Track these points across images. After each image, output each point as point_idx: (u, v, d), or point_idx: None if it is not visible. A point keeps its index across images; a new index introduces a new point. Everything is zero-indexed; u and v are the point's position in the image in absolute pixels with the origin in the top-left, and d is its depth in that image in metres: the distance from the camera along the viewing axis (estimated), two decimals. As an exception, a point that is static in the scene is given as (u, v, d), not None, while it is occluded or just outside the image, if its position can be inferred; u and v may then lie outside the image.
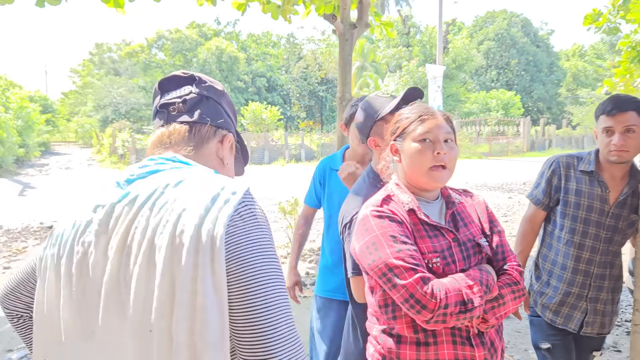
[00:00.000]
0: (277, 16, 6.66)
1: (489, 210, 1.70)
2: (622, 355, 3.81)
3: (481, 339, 1.47)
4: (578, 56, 54.77)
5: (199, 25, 45.17)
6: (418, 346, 1.46)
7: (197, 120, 1.19)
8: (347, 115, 2.57)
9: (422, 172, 1.52)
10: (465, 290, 1.37)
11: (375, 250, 1.43)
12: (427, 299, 1.33)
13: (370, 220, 1.48)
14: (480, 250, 1.56)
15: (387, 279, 1.40)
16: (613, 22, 9.06)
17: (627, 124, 2.16)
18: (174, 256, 0.93)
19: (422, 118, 1.53)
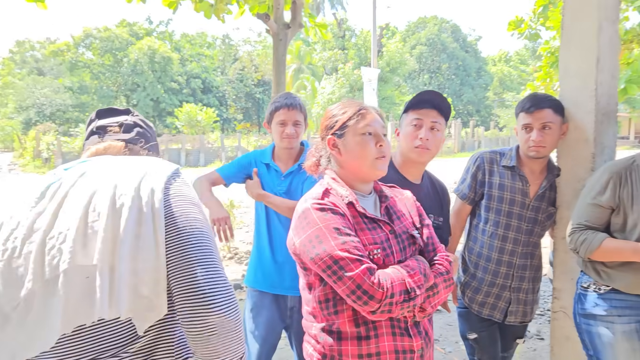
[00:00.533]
0: (210, 15, 6.53)
1: (417, 205, 1.75)
2: (545, 343, 4.00)
3: (418, 328, 1.52)
4: (504, 61, 57.57)
5: (130, 24, 43.58)
6: (359, 340, 1.46)
7: (132, 139, 1.38)
8: (268, 113, 2.55)
9: (367, 164, 1.55)
10: (407, 279, 1.41)
11: (319, 243, 1.41)
12: (374, 289, 1.35)
13: (312, 213, 1.46)
14: (414, 242, 1.60)
15: (332, 271, 1.38)
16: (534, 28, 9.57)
17: (544, 121, 2.27)
18: (115, 215, 1.08)
19: (361, 112, 1.56)
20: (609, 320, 2.02)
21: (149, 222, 1.09)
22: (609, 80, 2.41)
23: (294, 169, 2.54)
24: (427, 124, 2.00)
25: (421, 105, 2.02)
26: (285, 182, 2.53)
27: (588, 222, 2.06)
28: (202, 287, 1.07)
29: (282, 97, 2.55)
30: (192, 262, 1.09)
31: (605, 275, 2.05)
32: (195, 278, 1.07)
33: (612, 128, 2.46)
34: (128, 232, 1.07)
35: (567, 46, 2.46)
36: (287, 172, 2.54)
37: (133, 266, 1.06)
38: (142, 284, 1.06)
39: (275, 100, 2.54)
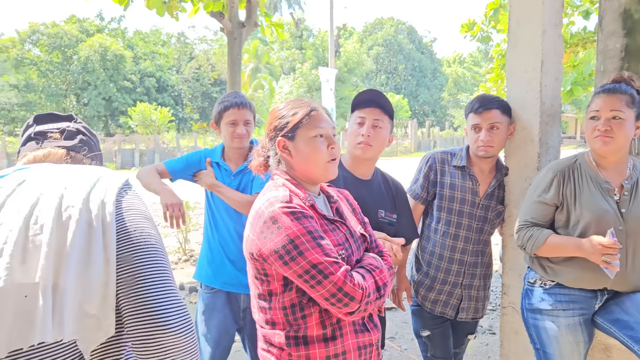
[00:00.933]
0: (163, 12, 6.40)
1: (354, 203, 1.78)
2: (497, 337, 4.12)
3: (372, 322, 1.56)
4: (458, 63, 58.98)
5: (80, 20, 42.14)
6: (326, 342, 1.45)
7: (75, 146, 1.30)
8: (216, 113, 2.51)
9: (319, 167, 1.53)
10: (377, 277, 1.46)
11: (295, 248, 1.36)
12: (355, 291, 1.36)
13: (282, 217, 1.40)
14: (365, 240, 1.63)
15: (310, 276, 1.36)
16: (485, 31, 9.85)
17: (492, 121, 2.34)
18: (61, 228, 1.01)
19: (312, 114, 1.52)
20: (554, 314, 2.09)
21: (98, 237, 1.03)
22: (553, 83, 2.50)
23: (243, 167, 2.52)
24: (370, 121, 2.07)
25: (365, 104, 2.09)
26: (235, 180, 2.51)
27: (534, 219, 2.13)
28: (157, 307, 1.02)
29: (231, 96, 2.50)
30: (146, 280, 1.03)
31: (551, 271, 2.12)
32: (148, 298, 1.02)
33: (556, 129, 2.56)
34: (75, 247, 1.00)
35: (514, 49, 2.54)
36: (236, 171, 2.52)
37: (80, 283, 0.99)
38: (89, 303, 0.99)
39: (223, 100, 2.50)
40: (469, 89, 50.05)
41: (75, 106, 37.90)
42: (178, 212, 2.33)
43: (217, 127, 2.54)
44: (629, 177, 2.05)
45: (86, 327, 0.99)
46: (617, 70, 2.47)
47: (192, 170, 2.58)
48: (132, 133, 31.17)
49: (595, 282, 2.04)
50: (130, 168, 24.72)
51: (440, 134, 38.24)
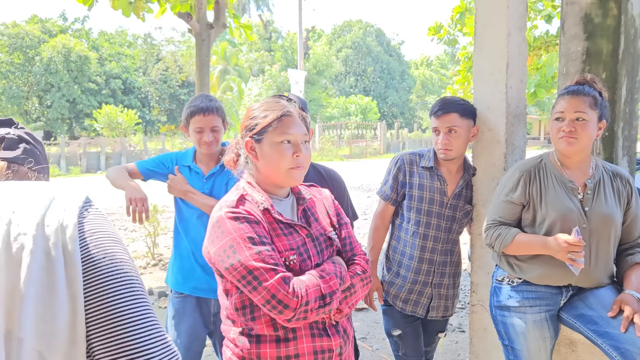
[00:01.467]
0: (129, 13, 6.30)
1: (336, 204, 1.76)
2: (466, 335, 4.18)
3: (336, 328, 1.54)
4: (425, 65, 59.84)
5: (42, 21, 41.06)
6: (278, 343, 1.46)
7: (17, 158, 1.08)
8: (184, 117, 2.47)
9: (281, 173, 1.52)
10: (322, 285, 1.41)
11: (233, 253, 1.39)
12: (288, 299, 1.34)
13: (225, 223, 1.43)
14: (331, 244, 1.61)
15: (247, 281, 1.37)
16: (452, 34, 10.02)
17: (450, 125, 2.38)
18: (11, 263, 0.81)
19: (282, 119, 1.50)
20: (522, 310, 2.14)
21: (60, 269, 0.83)
22: (518, 85, 2.56)
23: (215, 170, 2.49)
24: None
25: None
26: (207, 184, 2.48)
27: (501, 218, 2.17)
28: (139, 350, 0.85)
29: (198, 100, 2.45)
30: (123, 318, 0.86)
31: (518, 268, 2.17)
32: (128, 339, 0.85)
33: (521, 129, 2.62)
34: (32, 284, 0.80)
35: (479, 52, 2.59)
36: (209, 174, 2.49)
37: (40, 329, 0.80)
38: (51, 351, 0.80)
39: (190, 104, 2.44)
40: (437, 91, 50.87)
41: (37, 108, 36.87)
42: (142, 207, 2.28)
43: (187, 131, 2.50)
44: (591, 176, 2.12)
45: None
46: (579, 72, 2.55)
47: (164, 170, 2.54)
48: (97, 136, 30.51)
49: (561, 278, 2.09)
50: (96, 172, 24.18)
51: (409, 135, 38.75)
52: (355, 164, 25.25)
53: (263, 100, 1.60)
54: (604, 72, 2.51)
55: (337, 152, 31.23)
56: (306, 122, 1.58)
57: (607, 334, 1.92)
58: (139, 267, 6.64)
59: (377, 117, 40.72)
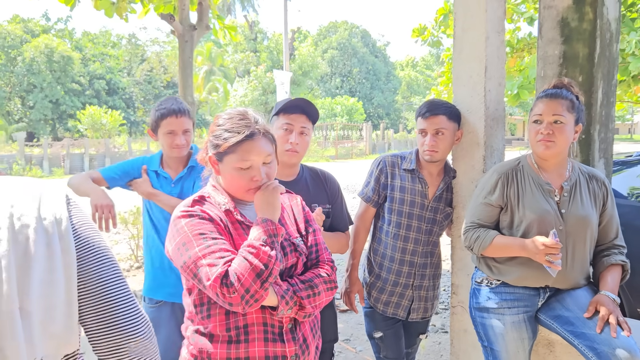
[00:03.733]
0: (112, 14, 6.24)
1: (306, 211, 1.76)
2: (448, 336, 4.21)
3: (293, 334, 1.51)
4: (411, 67, 60.18)
5: (24, 20, 40.49)
6: (229, 344, 1.46)
7: None
8: (153, 120, 2.42)
9: (238, 192, 1.55)
10: (254, 262, 1.35)
11: (186, 250, 1.41)
12: (229, 297, 1.33)
13: (180, 221, 1.47)
14: (295, 249, 1.60)
15: (198, 279, 1.39)
16: (436, 36, 10.07)
17: (437, 127, 2.39)
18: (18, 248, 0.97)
19: (242, 143, 1.48)
20: (500, 312, 2.16)
21: (58, 257, 1.01)
22: (497, 87, 2.59)
23: (183, 173, 2.48)
24: (297, 128, 2.14)
25: (292, 110, 2.13)
26: (176, 188, 2.46)
27: (480, 220, 2.19)
28: (123, 317, 1.08)
29: (168, 102, 2.40)
30: (110, 294, 1.08)
31: (496, 270, 2.19)
32: (115, 310, 1.08)
33: (500, 132, 2.64)
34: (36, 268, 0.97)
35: (459, 55, 2.61)
36: (176, 178, 2.47)
37: (43, 304, 0.98)
38: (54, 324, 1.00)
39: (160, 107, 2.40)
40: (422, 92, 51.16)
41: (20, 109, 36.33)
42: (108, 214, 2.24)
43: (154, 135, 2.45)
44: (568, 179, 2.14)
45: (53, 345, 1.01)
46: (557, 76, 2.58)
47: (129, 177, 2.50)
48: (81, 137, 30.16)
49: (538, 280, 2.12)
50: (79, 173, 23.88)
51: (394, 136, 38.91)
52: (341, 165, 25.27)
53: (229, 115, 1.56)
54: (580, 75, 2.54)
55: (323, 152, 31.24)
56: (271, 138, 1.57)
57: (583, 335, 1.95)
58: (122, 269, 6.56)
59: (363, 118, 40.82)
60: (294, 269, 1.58)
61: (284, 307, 1.45)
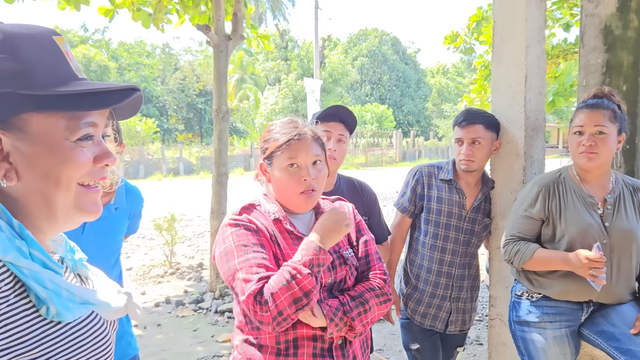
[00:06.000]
0: (149, 24, 6.40)
1: (357, 219, 1.71)
2: (484, 348, 4.14)
3: (343, 351, 1.48)
4: (442, 73, 59.61)
5: (63, 32, 41.89)
6: (278, 356, 1.44)
7: None
8: None
9: (293, 198, 1.52)
10: (295, 288, 1.32)
11: (227, 261, 1.42)
12: (260, 315, 1.31)
13: (226, 229, 1.48)
14: (345, 262, 1.56)
15: (235, 292, 1.40)
16: (468, 43, 9.97)
17: (474, 136, 2.36)
18: None
19: (289, 143, 1.50)
20: (541, 326, 2.11)
21: None
22: (537, 97, 2.55)
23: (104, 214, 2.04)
24: (335, 136, 2.16)
25: (329, 118, 2.15)
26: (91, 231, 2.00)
27: (520, 233, 2.15)
28: None
29: None
30: None
31: (537, 284, 2.15)
32: None
33: (540, 142, 2.60)
34: None
35: (498, 65, 2.58)
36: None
37: None
38: None
39: None
40: (453, 99, 50.58)
41: None
42: None
43: None
44: (611, 191, 2.09)
45: None
46: (599, 85, 2.53)
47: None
48: (116, 144, 30.87)
49: (581, 294, 2.07)
50: (115, 180, 24.41)
51: (424, 143, 38.57)
52: (371, 173, 25.19)
53: (280, 121, 1.59)
54: (624, 84, 2.48)
55: (353, 160, 31.20)
56: (321, 142, 1.57)
57: (630, 352, 1.89)
58: (156, 275, 6.69)
59: (393, 125, 40.62)
60: (344, 283, 1.54)
61: (333, 329, 1.42)
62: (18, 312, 0.73)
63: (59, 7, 5.91)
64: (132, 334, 2.21)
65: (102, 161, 0.85)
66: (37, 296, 0.75)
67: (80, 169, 0.82)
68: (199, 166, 27.34)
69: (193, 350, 4.20)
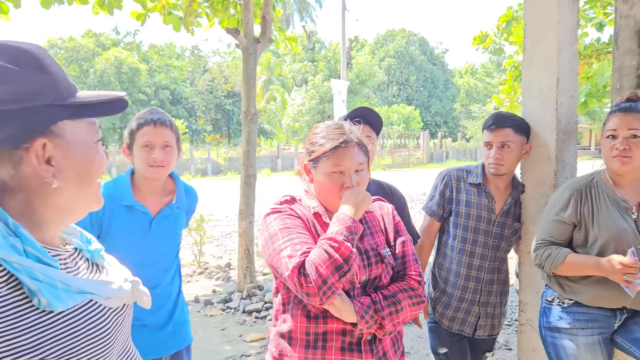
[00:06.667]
0: (179, 28, 6.52)
1: (396, 220, 1.74)
2: (512, 353, 4.09)
3: (371, 346, 1.51)
4: (470, 74, 58.89)
5: (96, 35, 42.93)
6: (307, 349, 1.49)
7: None
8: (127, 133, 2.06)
9: (331, 201, 1.58)
10: (335, 255, 1.36)
11: (272, 244, 1.48)
12: (306, 287, 1.35)
13: (268, 218, 1.56)
14: (382, 260, 1.59)
15: (280, 272, 1.43)
16: (498, 43, 9.84)
17: (504, 140, 2.34)
18: None
19: (335, 150, 1.54)
20: (573, 332, 2.08)
21: None
22: (569, 100, 2.51)
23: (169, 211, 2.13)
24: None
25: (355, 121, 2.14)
26: (155, 230, 2.09)
27: (552, 237, 2.13)
28: None
29: (146, 112, 2.06)
30: None
31: (569, 289, 2.12)
32: None
33: (572, 146, 2.56)
34: None
35: (529, 67, 2.55)
36: (160, 216, 2.11)
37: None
38: None
39: (138, 117, 2.05)
40: (481, 100, 49.91)
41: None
42: None
43: (130, 153, 2.08)
44: (646, 195, 2.05)
45: None
46: (634, 88, 2.48)
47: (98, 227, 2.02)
48: (146, 145, 31.44)
49: (615, 300, 2.03)
50: (144, 180, 24.86)
51: (452, 145, 38.15)
52: (398, 174, 25.04)
53: (326, 125, 1.64)
54: (660, 87, 2.42)
55: (379, 161, 31.09)
56: (365, 149, 1.62)
57: (665, 361, 1.86)
58: (185, 275, 6.81)
59: (420, 126, 40.32)
60: (379, 281, 1.57)
61: (363, 326, 1.46)
62: (10, 303, 0.81)
63: (93, 12, 6.08)
64: (190, 323, 2.34)
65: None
66: (30, 288, 0.83)
67: (102, 166, 0.98)
68: (226, 167, 27.63)
69: (221, 349, 4.26)
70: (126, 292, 1.02)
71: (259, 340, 4.45)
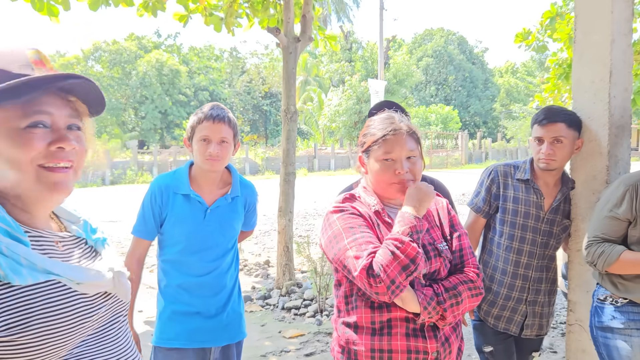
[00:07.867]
0: (220, 28, 6.62)
1: (452, 215, 1.76)
2: (558, 356, 3.97)
3: (435, 332, 1.54)
4: (510, 73, 57.60)
5: (138, 37, 44.09)
6: (373, 336, 1.53)
7: None
8: (189, 126, 2.16)
9: (384, 188, 1.62)
10: (401, 256, 1.39)
11: (337, 243, 1.51)
12: (376, 287, 1.39)
13: (331, 216, 1.59)
14: (439, 254, 1.61)
15: (347, 270, 1.47)
16: (541, 40, 9.58)
17: (556, 135, 2.28)
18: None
19: (385, 138, 1.59)
20: (627, 333, 2.01)
21: None
22: (623, 93, 2.42)
23: (222, 203, 2.22)
24: None
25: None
26: (210, 219, 2.18)
27: (605, 234, 2.05)
28: None
29: (207, 107, 2.15)
30: None
31: (623, 288, 2.04)
32: None
33: (626, 140, 2.47)
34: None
35: (580, 60, 2.48)
36: (214, 205, 2.19)
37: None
38: None
39: (198, 111, 2.15)
40: (523, 99, 48.70)
41: (133, 119, 39.54)
42: None
43: (190, 145, 2.18)
44: None
45: None
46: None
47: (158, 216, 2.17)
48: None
49: (672, 300, 1.95)
50: (184, 179, 25.36)
51: (492, 145, 37.38)
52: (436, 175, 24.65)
53: (378, 117, 1.68)
54: None
55: (417, 162, 30.72)
56: (415, 136, 1.64)
57: None
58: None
59: (459, 126, 39.67)
60: (437, 274, 1.60)
61: (425, 316, 1.49)
62: None
63: (138, 14, 6.23)
64: (244, 320, 2.38)
65: (56, 144, 0.96)
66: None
67: (31, 151, 0.95)
68: (264, 166, 27.88)
69: (261, 345, 4.31)
70: (103, 280, 1.05)
71: (298, 336, 4.47)
